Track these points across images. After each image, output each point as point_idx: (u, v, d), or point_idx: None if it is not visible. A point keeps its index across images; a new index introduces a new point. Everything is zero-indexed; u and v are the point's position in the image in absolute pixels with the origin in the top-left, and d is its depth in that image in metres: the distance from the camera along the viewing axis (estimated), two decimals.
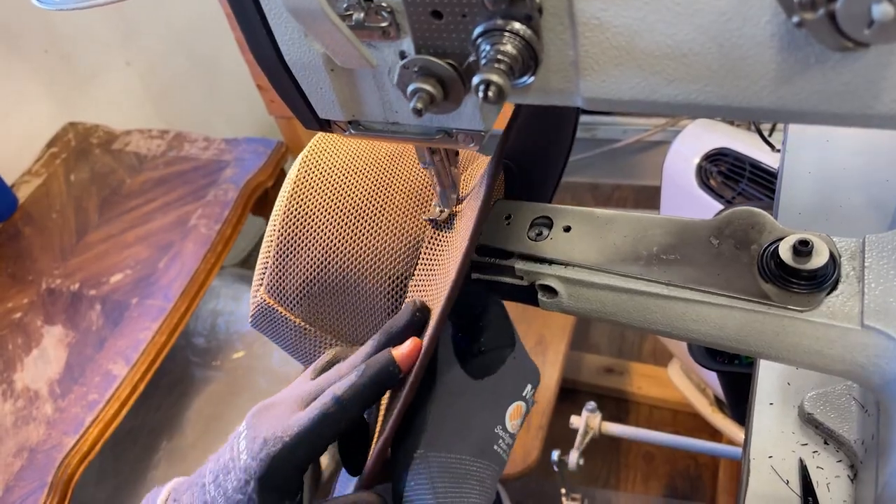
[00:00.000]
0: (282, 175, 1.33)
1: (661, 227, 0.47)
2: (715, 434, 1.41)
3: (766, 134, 1.06)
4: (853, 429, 0.50)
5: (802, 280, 0.41)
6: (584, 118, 1.76)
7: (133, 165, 1.33)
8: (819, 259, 0.41)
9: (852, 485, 0.49)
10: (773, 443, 0.52)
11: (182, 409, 1.35)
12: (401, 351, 0.46)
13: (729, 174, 1.15)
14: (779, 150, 1.01)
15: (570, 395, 1.58)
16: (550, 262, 0.48)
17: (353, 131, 0.41)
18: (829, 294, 0.40)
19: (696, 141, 1.20)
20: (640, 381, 1.60)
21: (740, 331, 0.42)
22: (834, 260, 0.41)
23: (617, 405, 1.59)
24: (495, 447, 0.46)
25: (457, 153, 0.49)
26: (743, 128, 1.23)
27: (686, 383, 1.49)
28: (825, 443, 0.51)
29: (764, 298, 0.41)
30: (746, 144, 1.13)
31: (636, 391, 1.59)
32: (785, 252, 0.41)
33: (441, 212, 0.52)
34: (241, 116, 1.94)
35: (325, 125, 0.42)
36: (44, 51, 1.41)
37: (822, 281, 0.41)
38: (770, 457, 0.51)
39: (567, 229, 0.49)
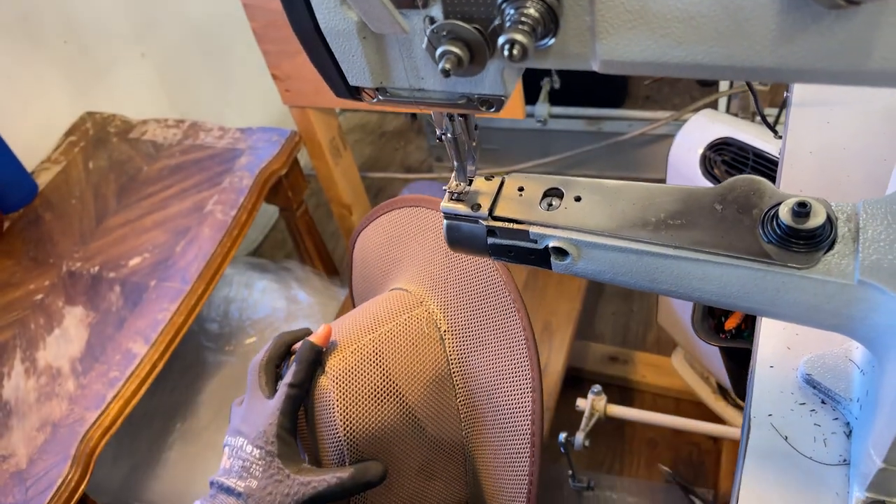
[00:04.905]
0: (295, 164, 1.36)
1: (667, 195, 0.50)
2: (717, 422, 1.43)
3: (768, 125, 1.09)
4: (849, 388, 0.52)
5: (801, 240, 0.43)
6: (590, 112, 1.78)
7: (150, 153, 1.36)
8: (817, 220, 0.43)
9: (848, 440, 0.52)
10: (772, 402, 0.54)
11: (196, 392, 1.38)
12: (316, 334, 0.66)
13: (732, 163, 1.17)
14: (781, 137, 1.04)
15: (576, 383, 1.60)
16: (563, 229, 0.51)
17: (380, 98, 0.44)
18: (826, 253, 0.43)
19: (701, 131, 1.22)
20: (644, 370, 1.63)
21: (743, 288, 0.45)
22: (831, 221, 0.44)
23: (621, 393, 1.62)
24: None
25: (476, 127, 0.52)
26: (747, 119, 1.26)
27: (689, 372, 1.51)
28: (822, 402, 0.54)
29: (765, 257, 0.44)
30: (749, 134, 1.16)
31: (640, 379, 1.62)
32: (785, 214, 0.44)
33: (457, 185, 0.55)
34: (255, 108, 1.97)
35: (355, 93, 0.44)
36: (63, 41, 1.44)
37: (820, 240, 0.43)
38: (770, 415, 0.54)
39: (578, 199, 0.52)
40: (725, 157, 1.18)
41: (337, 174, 1.54)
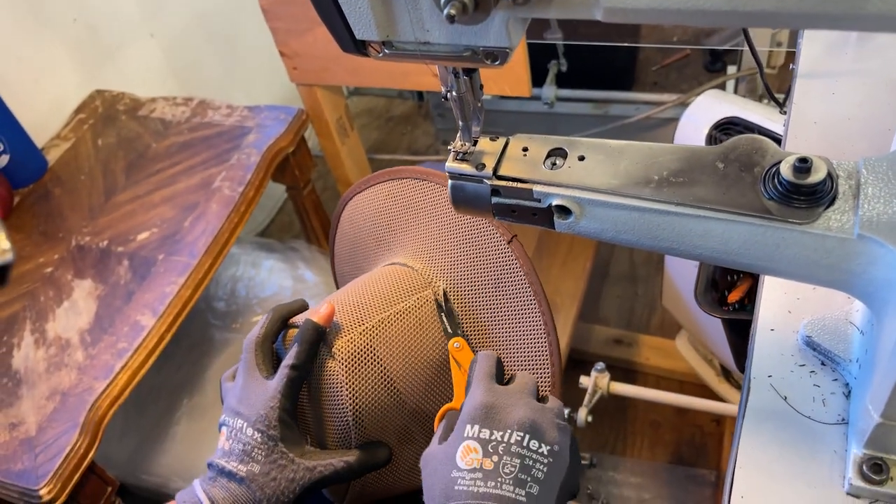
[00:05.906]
0: (302, 142, 1.36)
1: (670, 154, 0.50)
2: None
3: (774, 99, 1.09)
4: (848, 349, 0.53)
5: (802, 195, 0.44)
6: (597, 94, 1.79)
7: (158, 131, 1.37)
8: (817, 175, 0.44)
9: (847, 400, 0.52)
10: (772, 364, 0.55)
11: (202, 369, 1.39)
12: (318, 313, 0.64)
13: None
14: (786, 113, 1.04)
15: (580, 366, 1.60)
16: (566, 187, 0.51)
17: (386, 52, 0.45)
18: (826, 209, 0.44)
19: (707, 111, 1.22)
20: (648, 353, 1.64)
21: (744, 244, 0.45)
22: (831, 177, 0.44)
23: (625, 375, 1.62)
24: (457, 487, 0.52)
25: (481, 87, 0.52)
26: (753, 99, 1.26)
27: (693, 354, 1.52)
28: (822, 364, 0.54)
29: (766, 213, 0.44)
30: (756, 113, 1.15)
31: (644, 362, 1.62)
32: (786, 169, 0.44)
33: (462, 145, 0.55)
34: (262, 89, 1.98)
35: (361, 47, 0.45)
36: (72, 20, 1.45)
37: (821, 196, 0.44)
38: (770, 376, 0.54)
39: (581, 158, 0.52)
40: (732, 137, 1.18)
41: (344, 153, 1.55)
